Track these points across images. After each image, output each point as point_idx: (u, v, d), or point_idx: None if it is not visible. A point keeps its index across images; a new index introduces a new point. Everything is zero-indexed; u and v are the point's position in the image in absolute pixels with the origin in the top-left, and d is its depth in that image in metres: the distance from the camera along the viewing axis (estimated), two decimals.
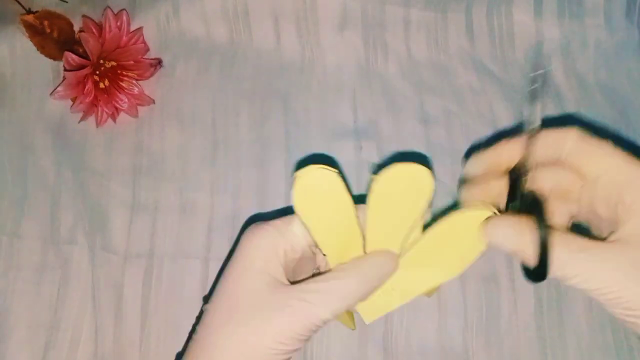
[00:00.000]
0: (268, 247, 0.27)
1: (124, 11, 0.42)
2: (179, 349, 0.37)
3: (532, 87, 0.27)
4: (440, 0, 0.44)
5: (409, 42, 0.45)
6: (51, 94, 0.41)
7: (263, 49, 0.45)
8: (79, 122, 0.42)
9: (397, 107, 0.43)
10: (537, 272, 0.24)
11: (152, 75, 0.43)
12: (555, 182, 0.27)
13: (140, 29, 0.43)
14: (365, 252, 0.28)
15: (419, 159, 0.41)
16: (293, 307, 0.25)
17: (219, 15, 0.44)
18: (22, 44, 0.43)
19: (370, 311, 0.30)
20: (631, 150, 0.26)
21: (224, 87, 0.43)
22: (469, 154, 0.31)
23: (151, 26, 0.44)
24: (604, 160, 0.25)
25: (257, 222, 0.28)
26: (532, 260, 0.24)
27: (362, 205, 0.27)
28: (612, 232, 0.25)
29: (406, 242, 0.28)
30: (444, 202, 0.37)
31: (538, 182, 0.27)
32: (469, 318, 0.37)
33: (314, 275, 0.28)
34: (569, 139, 0.26)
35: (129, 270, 0.38)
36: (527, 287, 0.38)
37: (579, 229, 0.27)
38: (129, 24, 0.42)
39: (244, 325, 0.25)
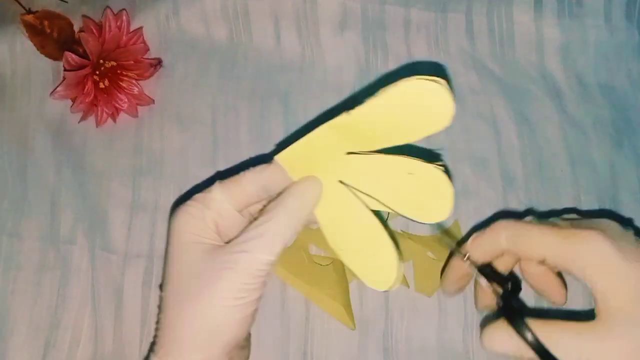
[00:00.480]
0: (195, 219, 0.27)
1: (124, 11, 0.42)
2: None
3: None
4: (440, 0, 0.44)
5: (409, 42, 0.45)
6: (51, 93, 0.41)
7: (263, 49, 0.45)
8: (78, 122, 0.42)
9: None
10: None
11: (152, 75, 0.43)
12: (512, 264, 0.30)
13: (140, 28, 0.43)
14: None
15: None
16: (232, 262, 0.25)
17: (219, 15, 0.44)
18: (22, 44, 0.43)
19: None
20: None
21: (224, 87, 0.43)
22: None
23: (151, 26, 0.44)
24: (539, 248, 0.27)
25: (181, 204, 0.28)
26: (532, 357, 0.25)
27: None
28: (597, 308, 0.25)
29: None
30: None
31: (500, 267, 0.29)
32: (469, 318, 0.37)
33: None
34: (500, 238, 0.28)
35: (129, 270, 0.38)
36: (527, 286, 0.38)
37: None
38: (128, 24, 0.42)
39: (195, 296, 0.26)
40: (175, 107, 0.43)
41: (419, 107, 0.24)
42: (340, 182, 0.28)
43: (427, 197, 0.27)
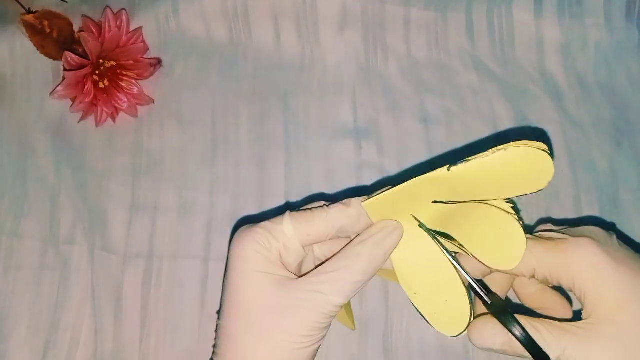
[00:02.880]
0: (262, 249, 0.26)
1: (124, 11, 0.42)
2: (179, 348, 0.37)
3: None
4: (440, 0, 0.44)
5: (409, 41, 0.45)
6: (51, 93, 0.41)
7: (263, 49, 0.45)
8: (78, 122, 0.42)
9: (397, 107, 0.43)
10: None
11: (151, 75, 0.43)
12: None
13: (139, 28, 0.43)
14: None
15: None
16: (306, 300, 0.25)
17: (218, 14, 0.44)
18: (22, 44, 0.43)
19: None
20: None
21: (224, 86, 0.43)
22: None
23: (151, 26, 0.44)
24: (527, 263, 0.26)
25: (245, 226, 0.27)
26: (527, 355, 0.25)
27: None
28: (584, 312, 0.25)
29: None
30: None
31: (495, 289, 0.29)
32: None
33: (317, 267, 0.28)
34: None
35: (129, 270, 0.38)
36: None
37: None
38: (128, 24, 0.42)
39: (262, 329, 0.25)
40: (175, 107, 0.43)
41: (521, 171, 0.24)
42: (418, 223, 0.27)
43: (500, 245, 0.26)
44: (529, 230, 0.28)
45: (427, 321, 0.27)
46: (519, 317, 0.25)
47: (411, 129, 0.42)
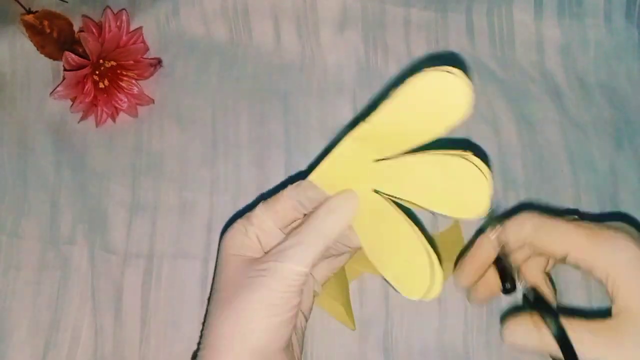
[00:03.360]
0: (238, 234, 0.29)
1: (124, 11, 0.42)
2: (179, 348, 0.37)
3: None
4: (440, 0, 0.44)
5: (409, 41, 0.45)
6: (51, 93, 0.41)
7: (263, 49, 0.45)
8: (78, 122, 0.42)
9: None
10: (567, 354, 0.25)
11: (151, 75, 0.43)
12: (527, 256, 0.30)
13: (139, 28, 0.43)
14: None
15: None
16: (268, 271, 0.27)
17: (218, 15, 0.44)
18: (22, 44, 0.43)
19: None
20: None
21: (224, 87, 0.43)
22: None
23: (151, 26, 0.44)
24: (563, 243, 0.26)
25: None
26: (559, 355, 0.25)
27: None
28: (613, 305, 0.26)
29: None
30: None
31: (517, 262, 0.29)
32: (469, 318, 0.37)
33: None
34: (525, 228, 0.28)
35: (129, 270, 0.38)
36: None
37: None
38: (128, 24, 0.42)
39: (230, 302, 0.27)
40: (175, 107, 0.43)
41: (435, 101, 0.24)
42: (375, 191, 0.27)
43: (463, 192, 0.26)
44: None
45: (392, 286, 0.28)
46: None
47: None
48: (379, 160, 0.27)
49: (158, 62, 0.43)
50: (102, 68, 0.41)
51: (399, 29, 0.44)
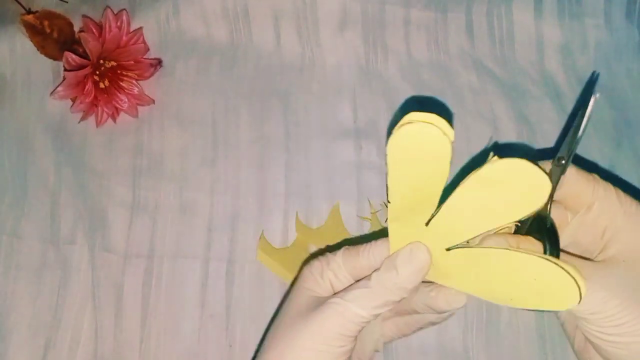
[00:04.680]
0: (314, 273, 0.29)
1: (124, 11, 0.42)
2: (179, 348, 0.37)
3: (579, 122, 0.26)
4: (440, 0, 0.44)
5: (409, 42, 0.45)
6: (51, 94, 0.41)
7: (263, 49, 0.45)
8: (79, 122, 0.42)
9: (397, 107, 0.43)
10: None
11: (152, 75, 0.43)
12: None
13: (140, 29, 0.43)
14: (427, 223, 0.26)
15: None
16: (329, 308, 0.26)
17: (219, 15, 0.44)
18: (22, 44, 0.43)
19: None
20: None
21: (224, 87, 0.43)
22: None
23: (151, 26, 0.44)
24: (596, 190, 0.27)
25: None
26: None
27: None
28: (599, 253, 0.26)
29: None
30: None
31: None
32: (469, 318, 0.37)
33: None
34: (568, 171, 0.27)
35: (129, 270, 0.38)
36: None
37: None
38: (129, 24, 0.42)
39: (291, 335, 0.27)
40: (176, 107, 0.43)
41: (510, 187, 0.22)
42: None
43: (546, 292, 0.24)
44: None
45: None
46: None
47: None
48: (449, 249, 0.26)
49: (158, 63, 0.43)
50: (102, 68, 0.41)
51: (398, 29, 0.44)
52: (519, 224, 0.27)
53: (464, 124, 0.42)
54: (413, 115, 0.22)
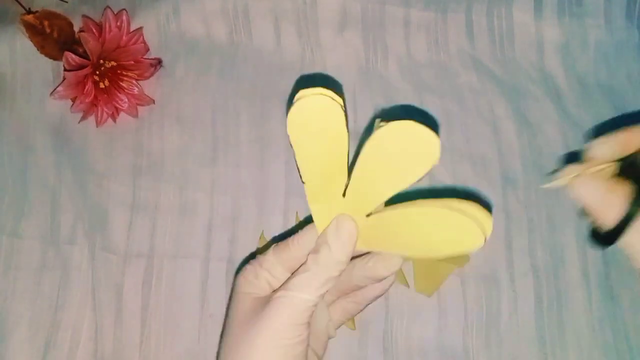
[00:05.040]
0: (250, 276, 0.29)
1: (124, 11, 0.42)
2: (179, 348, 0.37)
3: None
4: (440, 1, 0.44)
5: (408, 42, 0.45)
6: (51, 94, 0.41)
7: (263, 49, 0.45)
8: (79, 122, 0.42)
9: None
10: (607, 237, 0.25)
11: (152, 75, 0.43)
12: None
13: (140, 29, 0.43)
14: (344, 194, 0.26)
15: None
16: (275, 302, 0.26)
17: (219, 15, 0.44)
18: (22, 44, 0.43)
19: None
20: None
21: (224, 87, 0.43)
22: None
23: (151, 26, 0.44)
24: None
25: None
26: (609, 222, 0.25)
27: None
28: None
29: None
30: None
31: None
32: (469, 318, 0.37)
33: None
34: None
35: (129, 270, 0.38)
36: (527, 286, 0.38)
37: None
38: (129, 24, 0.42)
39: (242, 340, 0.27)
40: (176, 107, 0.43)
41: (403, 147, 0.24)
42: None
43: (458, 240, 0.25)
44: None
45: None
46: None
47: None
48: (369, 215, 0.26)
49: (158, 63, 0.43)
50: (102, 68, 0.41)
51: (398, 30, 0.44)
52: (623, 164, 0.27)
53: (464, 124, 0.42)
54: (303, 92, 0.24)
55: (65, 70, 0.40)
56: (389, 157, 0.24)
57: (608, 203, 0.25)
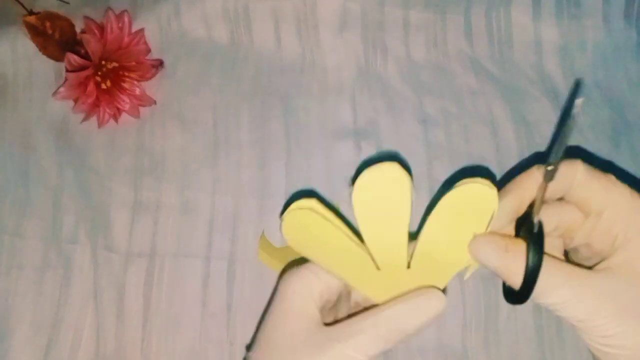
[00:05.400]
0: (304, 289, 0.27)
1: (126, 12, 0.42)
2: (180, 347, 0.37)
3: (565, 124, 0.25)
4: (439, 2, 0.44)
5: (408, 43, 0.45)
6: (53, 94, 0.41)
7: (263, 50, 0.45)
8: (81, 123, 0.42)
9: (397, 108, 0.43)
10: (520, 295, 0.25)
11: (153, 76, 0.43)
12: (559, 219, 0.27)
13: (141, 30, 0.43)
14: (408, 266, 0.27)
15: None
16: (329, 351, 0.25)
17: (219, 16, 0.44)
18: (24, 45, 0.43)
19: None
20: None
21: (225, 88, 0.44)
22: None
23: (152, 27, 0.44)
24: (610, 194, 0.26)
25: (293, 268, 0.28)
26: (516, 282, 0.25)
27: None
28: (600, 262, 0.25)
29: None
30: None
31: (544, 218, 0.27)
32: (468, 317, 0.37)
33: (350, 316, 0.28)
34: (578, 172, 0.26)
35: (131, 269, 0.39)
36: None
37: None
38: (130, 25, 0.42)
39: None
40: (177, 108, 0.43)
41: (471, 210, 0.25)
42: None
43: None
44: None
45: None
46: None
47: (410, 129, 0.42)
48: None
49: (160, 64, 0.44)
50: (104, 69, 0.42)
51: (398, 31, 0.45)
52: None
53: (463, 125, 0.43)
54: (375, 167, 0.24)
55: (67, 71, 0.40)
56: (455, 221, 0.25)
57: (509, 263, 0.25)
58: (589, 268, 0.25)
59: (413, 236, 0.26)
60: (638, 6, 0.45)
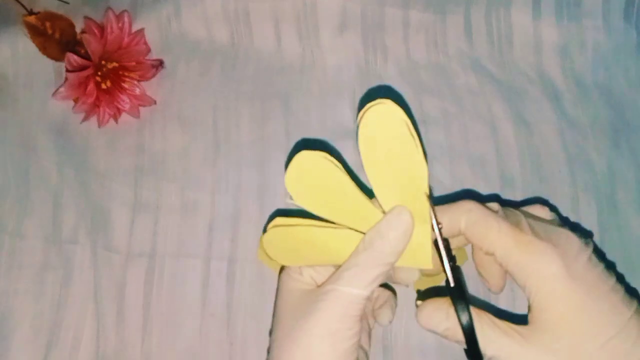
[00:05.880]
0: (293, 274, 0.29)
1: (126, 12, 0.42)
2: (181, 347, 0.37)
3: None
4: (439, 2, 0.44)
5: (408, 43, 0.45)
6: (53, 94, 0.41)
7: (264, 51, 0.45)
8: (81, 123, 0.42)
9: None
10: (472, 352, 0.26)
11: (153, 76, 0.44)
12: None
13: (141, 30, 0.43)
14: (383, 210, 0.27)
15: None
16: (325, 294, 0.26)
17: (220, 16, 0.44)
18: (24, 45, 0.43)
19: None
20: None
21: (225, 88, 0.44)
22: None
23: (153, 27, 0.44)
24: (493, 241, 0.27)
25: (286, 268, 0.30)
26: (463, 341, 0.26)
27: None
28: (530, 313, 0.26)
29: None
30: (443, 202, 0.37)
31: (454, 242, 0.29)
32: None
33: None
34: (460, 222, 0.28)
35: (131, 269, 0.39)
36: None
37: None
38: (130, 25, 0.43)
39: (290, 332, 0.27)
40: (177, 108, 0.43)
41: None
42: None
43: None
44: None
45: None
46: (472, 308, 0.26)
47: None
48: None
49: (160, 64, 0.44)
50: (104, 69, 0.42)
51: (398, 31, 0.45)
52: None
53: (463, 125, 0.43)
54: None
55: (67, 71, 0.40)
56: (380, 149, 0.25)
57: (452, 326, 0.26)
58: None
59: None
60: (638, 6, 0.45)
